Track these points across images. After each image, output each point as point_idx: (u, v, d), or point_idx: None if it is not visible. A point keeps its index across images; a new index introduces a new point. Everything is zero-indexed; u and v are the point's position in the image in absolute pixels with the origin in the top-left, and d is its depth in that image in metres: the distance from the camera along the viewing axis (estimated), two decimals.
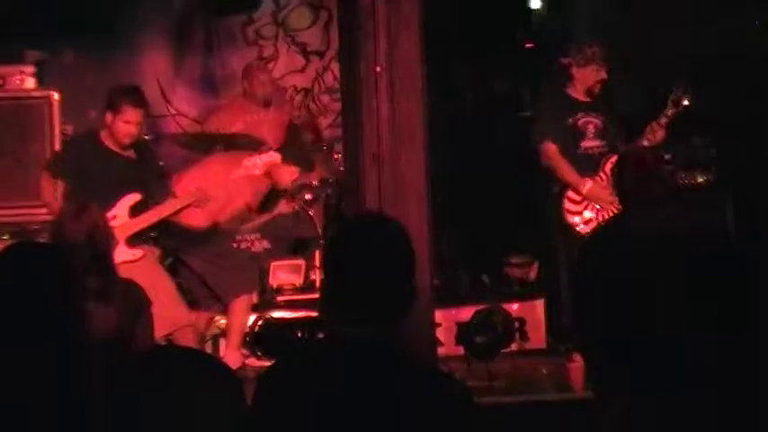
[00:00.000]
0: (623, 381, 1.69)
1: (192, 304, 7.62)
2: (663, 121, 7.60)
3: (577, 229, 7.61)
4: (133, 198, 7.18)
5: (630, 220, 1.74)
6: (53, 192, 7.20)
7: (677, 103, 7.59)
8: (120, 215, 7.09)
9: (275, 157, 7.57)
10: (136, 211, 7.19)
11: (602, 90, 7.80)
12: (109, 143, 7.23)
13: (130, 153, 7.34)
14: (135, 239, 7.17)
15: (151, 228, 7.37)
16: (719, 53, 8.46)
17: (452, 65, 9.50)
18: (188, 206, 7.42)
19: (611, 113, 7.80)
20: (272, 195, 8.11)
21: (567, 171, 7.66)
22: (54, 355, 3.33)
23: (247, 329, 7.84)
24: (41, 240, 6.52)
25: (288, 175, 7.85)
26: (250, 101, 9.04)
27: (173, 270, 7.73)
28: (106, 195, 6.95)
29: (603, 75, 7.71)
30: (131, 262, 6.92)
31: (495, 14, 9.81)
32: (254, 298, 8.23)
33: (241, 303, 7.60)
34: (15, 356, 3.31)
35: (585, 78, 7.72)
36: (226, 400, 2.07)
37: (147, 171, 7.46)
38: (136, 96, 7.25)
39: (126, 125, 7.15)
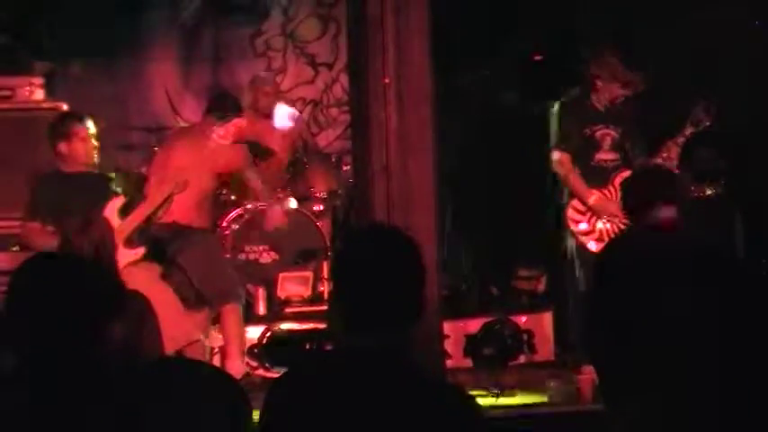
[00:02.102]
0: (629, 391, 1.69)
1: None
2: (680, 140, 7.59)
3: (581, 239, 7.60)
4: (118, 201, 7.19)
5: (642, 232, 1.75)
6: (44, 234, 7.17)
7: (697, 123, 7.57)
8: (111, 219, 7.10)
9: (241, 122, 7.56)
10: (124, 213, 7.19)
11: (624, 103, 7.75)
12: (72, 170, 7.27)
13: (94, 167, 7.39)
14: (131, 241, 7.16)
15: (142, 227, 7.37)
16: (727, 60, 8.44)
17: (462, 75, 9.50)
18: (172, 195, 7.42)
19: (630, 127, 7.75)
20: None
21: (575, 181, 7.64)
22: (84, 368, 3.31)
23: (255, 341, 7.82)
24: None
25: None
26: (255, 112, 9.07)
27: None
28: (91, 213, 6.99)
29: (627, 92, 7.65)
30: (134, 263, 6.93)
31: (504, 25, 9.80)
32: (263, 309, 8.26)
33: (231, 312, 7.50)
34: (50, 369, 3.29)
35: (607, 92, 7.67)
36: (229, 412, 2.06)
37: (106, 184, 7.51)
38: (76, 114, 7.37)
39: (84, 143, 7.22)
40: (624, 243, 1.82)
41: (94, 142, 7.29)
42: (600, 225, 7.61)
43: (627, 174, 7.65)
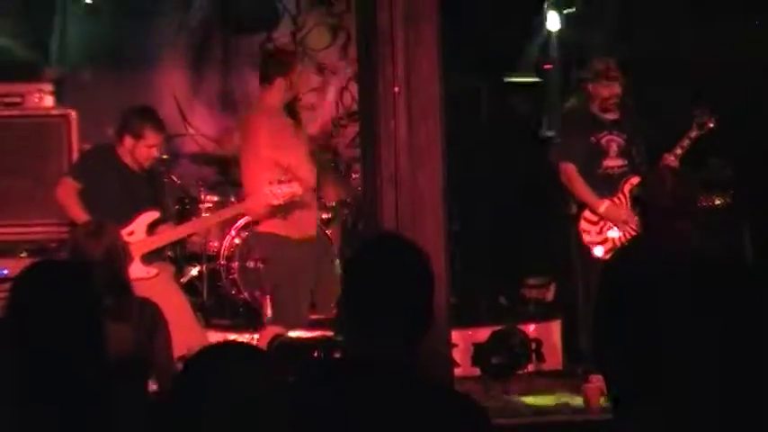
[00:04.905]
0: (637, 399, 1.70)
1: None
2: (686, 142, 7.61)
3: (593, 249, 7.60)
4: (151, 216, 7.20)
5: (648, 242, 1.75)
6: (76, 198, 7.15)
7: (702, 125, 7.59)
8: (137, 232, 7.11)
9: (296, 188, 7.56)
10: (152, 229, 7.21)
11: (627, 108, 7.77)
12: (126, 160, 7.26)
13: (144, 171, 7.37)
14: (150, 257, 7.18)
15: (165, 247, 7.40)
16: (736, 67, 8.45)
17: (471, 84, 9.51)
18: (205, 230, 7.49)
19: (635, 132, 7.76)
20: None
21: (584, 191, 7.64)
22: (78, 373, 3.32)
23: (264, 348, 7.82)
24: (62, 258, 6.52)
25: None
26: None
27: (189, 288, 7.74)
28: (121, 210, 6.99)
29: (616, 89, 7.68)
30: (145, 279, 6.93)
31: (514, 35, 9.81)
32: None
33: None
34: (40, 375, 3.30)
35: (599, 94, 7.70)
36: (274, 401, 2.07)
37: (160, 189, 7.51)
38: (156, 120, 7.30)
39: (149, 149, 7.21)
40: (633, 253, 1.83)
41: (156, 152, 7.30)
42: (611, 234, 7.61)
43: (635, 180, 7.66)
